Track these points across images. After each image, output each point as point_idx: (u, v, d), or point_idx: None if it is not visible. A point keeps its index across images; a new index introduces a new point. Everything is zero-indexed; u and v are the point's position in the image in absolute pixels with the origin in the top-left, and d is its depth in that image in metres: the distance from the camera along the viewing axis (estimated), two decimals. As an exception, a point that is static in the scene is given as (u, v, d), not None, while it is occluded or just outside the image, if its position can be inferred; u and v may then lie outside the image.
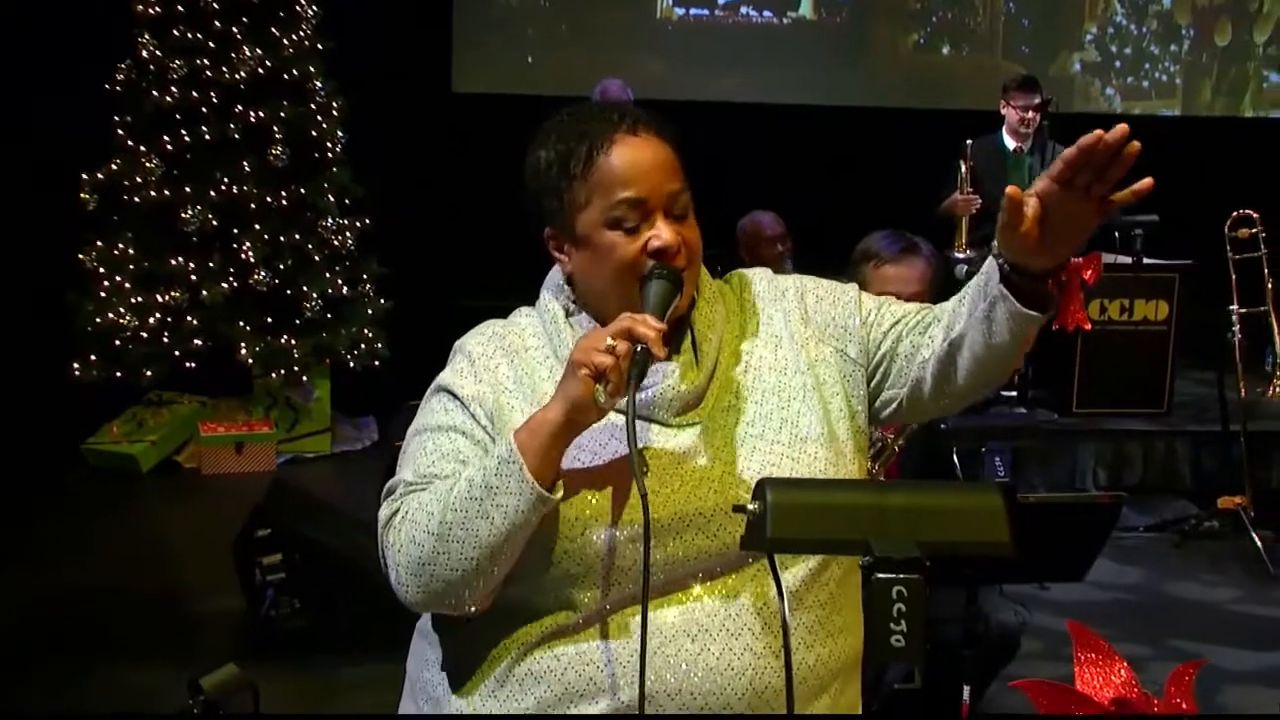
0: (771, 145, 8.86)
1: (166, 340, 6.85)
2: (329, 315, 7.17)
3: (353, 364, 7.28)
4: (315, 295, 7.05)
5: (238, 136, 6.96)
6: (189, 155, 6.94)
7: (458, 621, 1.84)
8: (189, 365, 6.95)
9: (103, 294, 6.83)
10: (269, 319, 6.98)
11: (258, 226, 6.95)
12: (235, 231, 6.94)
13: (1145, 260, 6.95)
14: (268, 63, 7.02)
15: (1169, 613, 5.37)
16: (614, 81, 7.50)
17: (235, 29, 6.98)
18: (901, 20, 9.97)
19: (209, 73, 6.93)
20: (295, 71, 7.13)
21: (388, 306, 7.48)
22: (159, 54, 6.91)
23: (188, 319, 6.86)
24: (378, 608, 1.85)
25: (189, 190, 6.86)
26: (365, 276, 7.44)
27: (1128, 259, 6.91)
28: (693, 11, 9.67)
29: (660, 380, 1.83)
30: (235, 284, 6.91)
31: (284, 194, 7.03)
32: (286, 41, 7.10)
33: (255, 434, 6.98)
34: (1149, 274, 7.00)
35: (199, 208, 6.83)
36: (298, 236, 7.07)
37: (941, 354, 1.85)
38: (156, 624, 4.83)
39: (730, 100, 9.27)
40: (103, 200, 6.91)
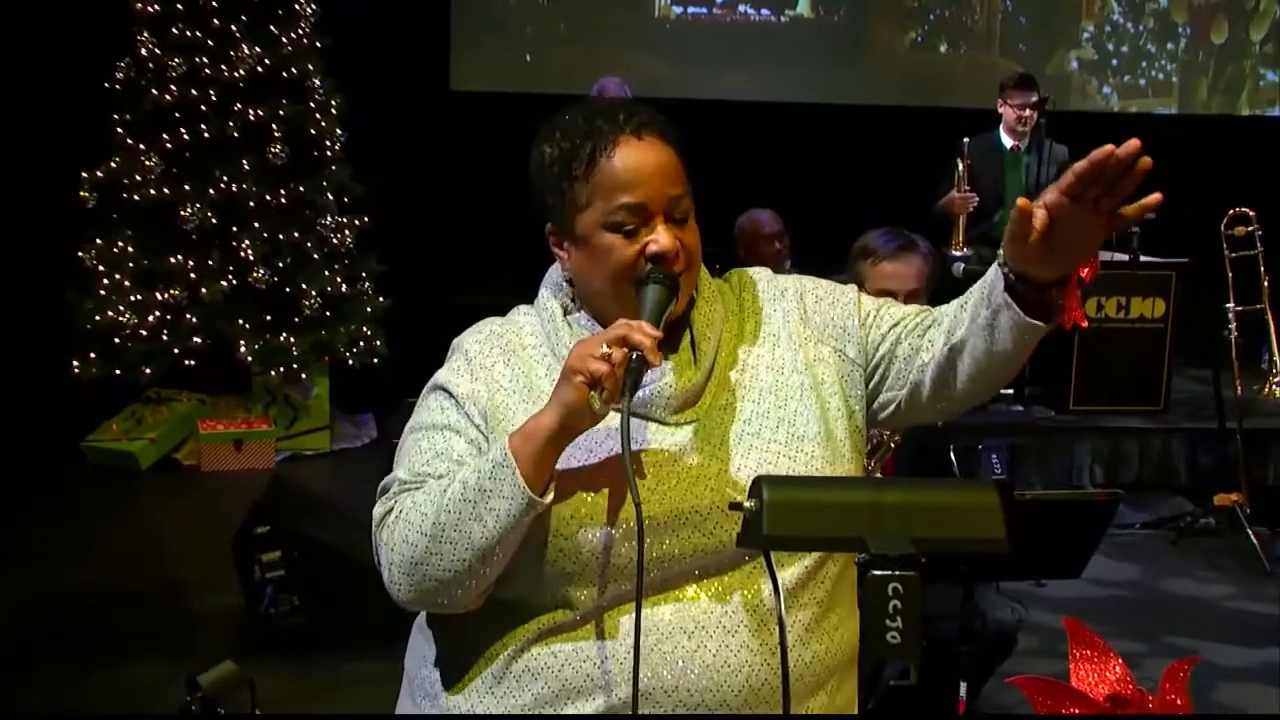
0: (769, 143, 8.86)
1: (166, 338, 6.85)
2: (328, 313, 7.17)
3: (351, 361, 7.28)
4: (314, 293, 7.04)
5: (237, 135, 6.95)
6: (188, 153, 6.93)
7: (455, 619, 1.84)
8: (188, 363, 6.94)
9: (102, 292, 6.82)
10: (268, 317, 6.97)
11: (257, 224, 6.95)
12: (234, 229, 6.94)
13: (1142, 258, 6.97)
14: (266, 61, 7.01)
15: (1165, 609, 5.37)
16: (612, 80, 7.49)
17: (234, 27, 6.97)
18: (899, 18, 9.96)
19: (208, 71, 6.92)
20: (294, 70, 7.13)
21: (386, 304, 7.47)
22: (158, 52, 6.90)
23: (187, 317, 6.86)
24: (376, 605, 1.86)
25: (188, 188, 6.85)
26: (364, 274, 7.43)
27: (1125, 257, 6.93)
28: (691, 10, 9.67)
29: (658, 379, 1.83)
30: (234, 282, 6.91)
31: (283, 192, 7.03)
32: (285, 40, 7.09)
33: (254, 431, 6.99)
34: (1146, 272, 7.02)
35: (198, 206, 6.82)
36: (297, 234, 7.07)
37: (941, 359, 1.85)
38: (156, 621, 4.83)
39: (728, 98, 9.27)
40: (102, 198, 6.90)
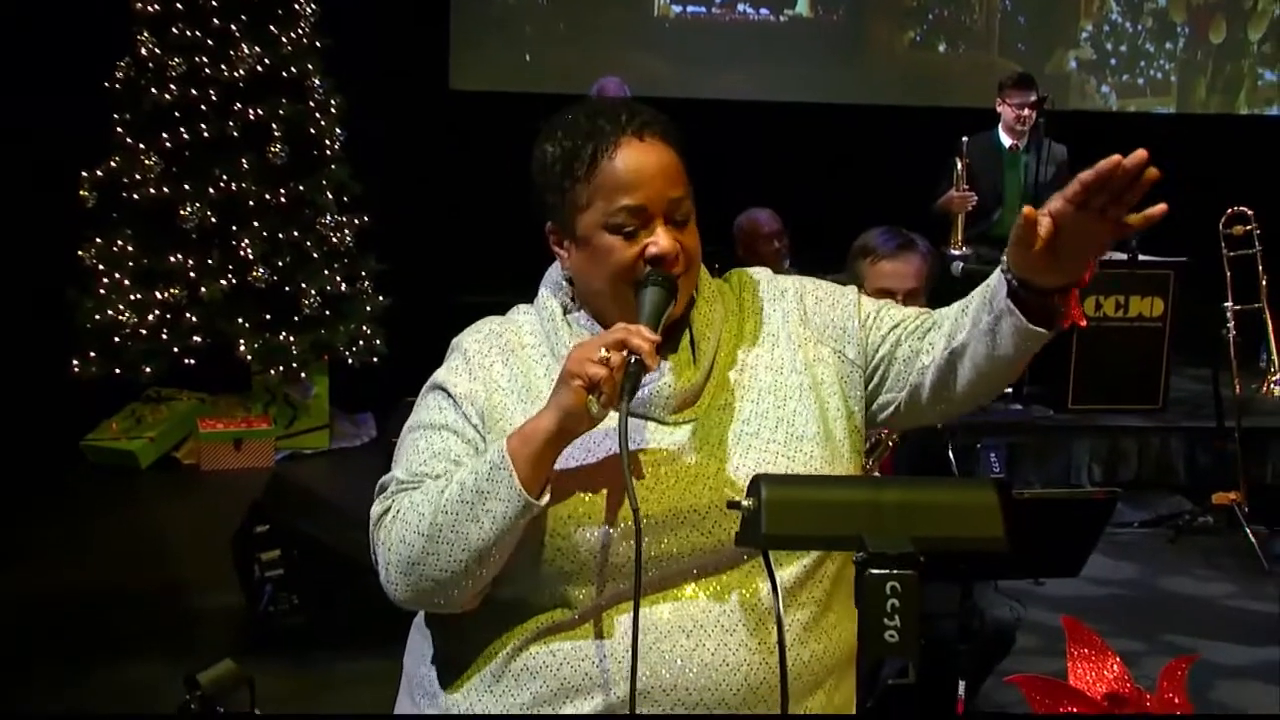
0: (768, 143, 8.86)
1: (165, 337, 6.85)
2: (327, 312, 7.17)
3: (351, 360, 7.28)
4: (314, 292, 7.05)
5: (236, 134, 6.96)
6: (188, 153, 6.94)
7: (454, 618, 1.84)
8: (188, 362, 6.95)
9: (102, 291, 6.82)
10: (268, 316, 6.98)
11: (256, 224, 6.95)
12: (234, 228, 6.94)
13: (1141, 257, 6.97)
14: (266, 60, 7.02)
15: (1163, 608, 5.38)
16: (611, 79, 7.49)
17: (234, 27, 6.98)
18: (898, 18, 9.96)
19: (208, 70, 6.92)
20: (294, 69, 7.13)
21: (386, 303, 7.48)
22: (158, 52, 6.90)
23: (187, 316, 6.86)
24: (375, 604, 1.86)
25: (188, 187, 6.86)
26: (363, 273, 7.44)
27: (1123, 255, 6.93)
28: (690, 9, 9.66)
29: (657, 378, 1.83)
30: (234, 281, 6.91)
31: (282, 191, 7.03)
32: (285, 39, 7.10)
33: (254, 430, 6.99)
34: (1144, 271, 7.02)
35: (198, 205, 6.83)
36: (296, 234, 7.07)
37: (942, 362, 1.85)
38: (155, 619, 4.83)
39: (727, 98, 9.26)
40: (102, 198, 6.91)
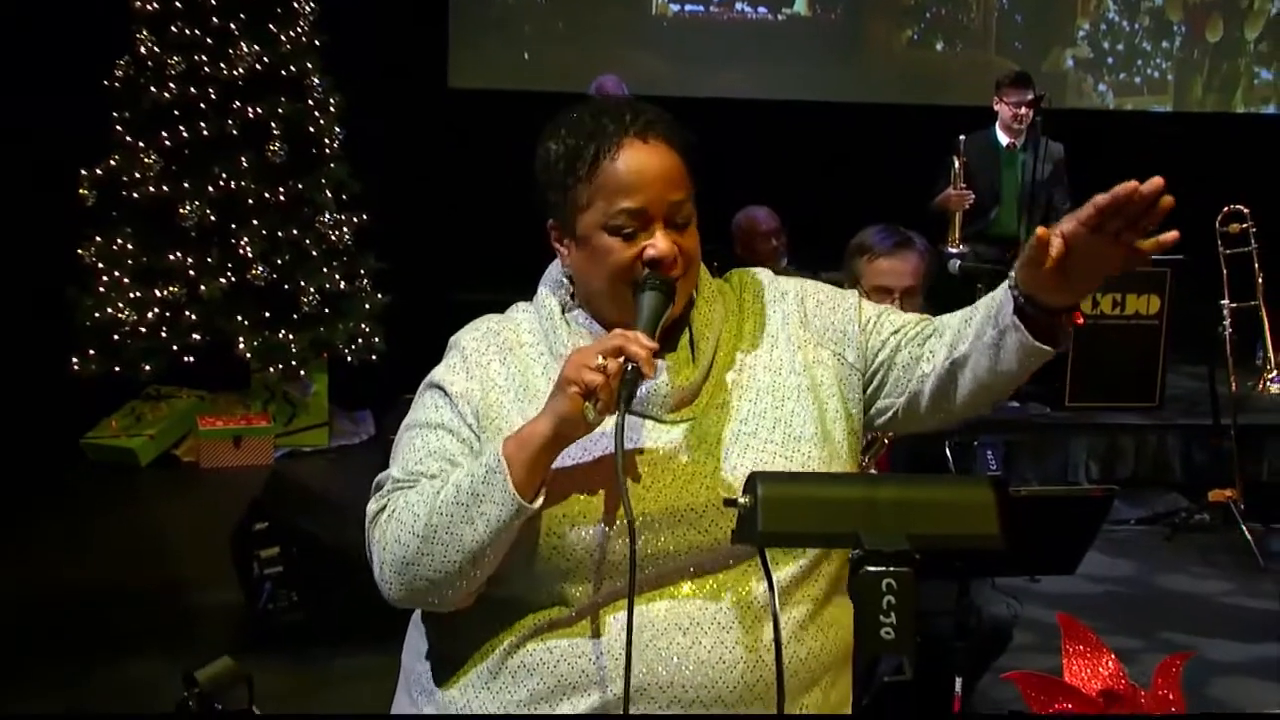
0: (766, 141, 8.86)
1: (165, 335, 6.86)
2: (326, 310, 7.18)
3: (350, 358, 7.29)
4: (313, 290, 7.06)
5: (235, 132, 6.97)
6: (187, 151, 6.94)
7: (452, 615, 1.85)
8: (187, 360, 6.95)
9: (102, 289, 6.83)
10: (267, 314, 6.99)
11: (255, 222, 6.96)
12: (233, 227, 6.94)
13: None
14: (265, 59, 7.02)
15: (1160, 605, 5.39)
16: (609, 77, 7.49)
17: (233, 25, 6.98)
18: (895, 16, 9.96)
19: (207, 69, 6.93)
20: (293, 67, 7.14)
21: (385, 301, 7.48)
22: (157, 50, 6.91)
23: (186, 314, 6.87)
24: (374, 600, 1.87)
25: (187, 186, 6.86)
26: (362, 271, 7.44)
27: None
28: (688, 8, 9.67)
29: (655, 376, 1.82)
30: (233, 279, 6.92)
31: (281, 189, 7.04)
32: (284, 38, 7.10)
33: (253, 428, 7.00)
34: (1141, 269, 6.99)
35: (197, 203, 6.83)
36: (295, 232, 7.07)
37: (943, 371, 1.85)
38: (155, 617, 4.83)
39: (725, 96, 9.26)
40: (101, 196, 6.91)
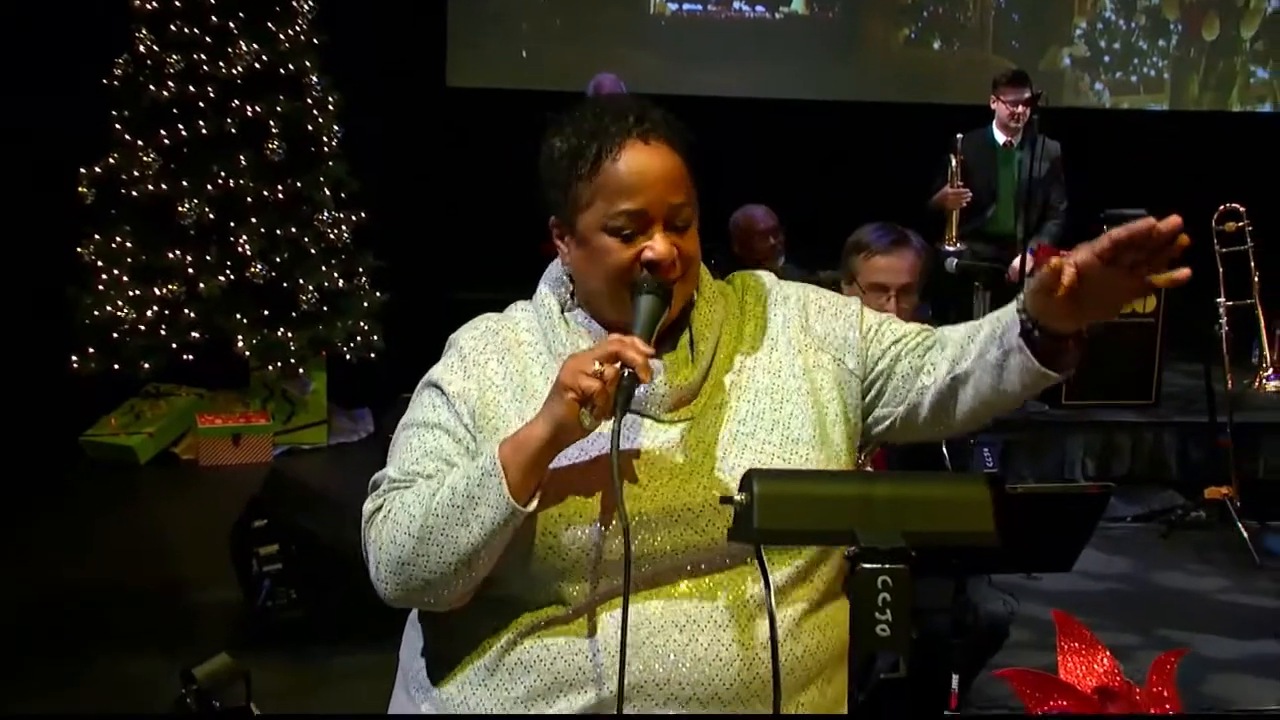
0: (764, 139, 8.87)
1: (164, 333, 6.86)
2: (325, 308, 7.18)
3: (349, 356, 7.29)
4: (311, 288, 7.06)
5: (234, 131, 6.97)
6: (186, 149, 6.95)
7: (450, 613, 1.86)
8: (186, 358, 6.96)
9: (101, 287, 6.84)
10: (266, 312, 6.99)
11: (254, 220, 6.96)
12: (232, 225, 6.95)
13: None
14: (264, 57, 7.03)
15: (1156, 602, 5.40)
16: (607, 76, 7.50)
17: (232, 24, 6.99)
18: (893, 15, 9.97)
19: (206, 67, 6.93)
20: (291, 66, 7.14)
21: (383, 299, 7.49)
22: (156, 49, 6.92)
23: (185, 312, 6.87)
24: (372, 598, 1.88)
25: (186, 184, 6.87)
26: (361, 269, 7.44)
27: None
28: (686, 7, 9.67)
29: (652, 375, 1.81)
30: (232, 277, 6.92)
31: (280, 188, 7.04)
32: (283, 36, 7.11)
33: (252, 426, 7.00)
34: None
35: (196, 201, 6.84)
36: (294, 230, 7.08)
37: (943, 385, 1.86)
38: (154, 615, 4.83)
39: (723, 95, 9.26)
40: (101, 194, 6.92)
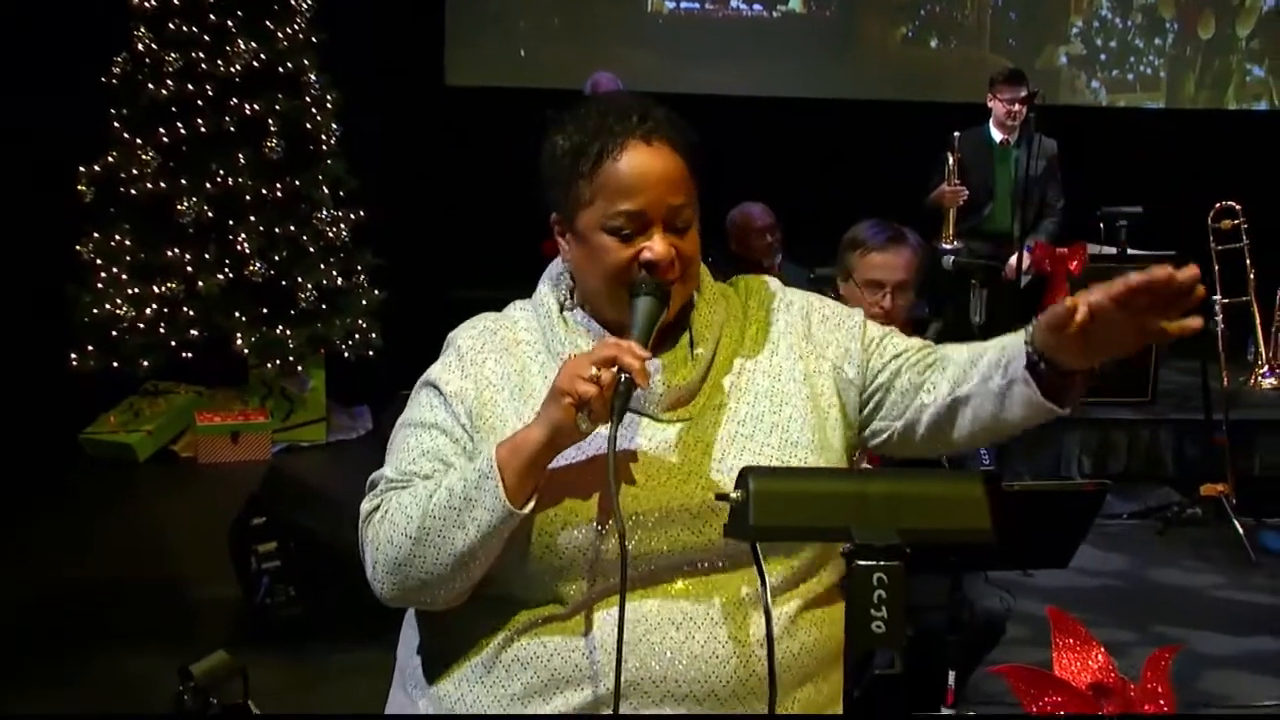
0: (761, 137, 8.87)
1: (163, 331, 6.87)
2: (324, 306, 7.19)
3: (347, 354, 7.30)
4: (310, 286, 7.07)
5: (233, 129, 6.97)
6: (185, 148, 6.95)
7: (446, 611, 1.87)
8: (185, 355, 6.96)
9: (100, 285, 6.84)
10: (264, 310, 7.00)
11: (253, 218, 6.97)
12: (231, 223, 6.95)
13: (1129, 251, 7.01)
14: (262, 56, 7.03)
15: (1152, 599, 5.40)
16: (605, 74, 7.51)
17: (230, 22, 6.99)
18: (890, 13, 9.96)
19: (204, 66, 6.93)
20: (290, 65, 7.14)
21: (382, 297, 7.49)
22: (155, 47, 6.92)
23: (184, 310, 6.88)
24: (369, 596, 1.89)
25: (185, 182, 6.87)
26: (359, 268, 7.44)
27: (1112, 249, 6.96)
28: (683, 5, 9.67)
29: (651, 375, 1.83)
30: (231, 275, 6.93)
31: (279, 186, 7.04)
32: (281, 35, 7.11)
33: (251, 423, 7.00)
34: (1133, 264, 7.05)
35: (195, 199, 6.84)
36: (293, 228, 7.08)
37: (943, 406, 1.87)
38: (153, 612, 4.83)
39: (720, 93, 9.25)
40: (99, 193, 6.92)
